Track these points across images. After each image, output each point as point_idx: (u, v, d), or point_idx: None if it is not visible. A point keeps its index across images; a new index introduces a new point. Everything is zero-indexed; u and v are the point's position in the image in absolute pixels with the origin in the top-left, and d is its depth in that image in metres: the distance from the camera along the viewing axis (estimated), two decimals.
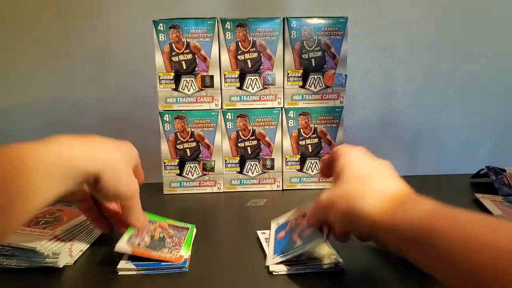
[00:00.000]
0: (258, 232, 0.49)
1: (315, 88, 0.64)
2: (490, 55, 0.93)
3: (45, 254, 0.40)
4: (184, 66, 0.62)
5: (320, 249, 0.42)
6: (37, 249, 0.39)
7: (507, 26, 0.92)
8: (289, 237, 0.43)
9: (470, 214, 0.29)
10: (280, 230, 0.47)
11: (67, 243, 0.43)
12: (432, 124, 0.97)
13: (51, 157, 0.33)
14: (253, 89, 0.64)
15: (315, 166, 0.67)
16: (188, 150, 0.65)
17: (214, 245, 0.47)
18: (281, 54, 0.63)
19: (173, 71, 0.62)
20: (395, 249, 0.34)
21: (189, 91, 0.63)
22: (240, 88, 0.64)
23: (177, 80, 0.63)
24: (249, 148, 0.65)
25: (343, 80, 0.64)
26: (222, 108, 0.64)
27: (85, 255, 0.44)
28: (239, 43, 0.62)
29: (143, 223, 0.44)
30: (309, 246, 0.39)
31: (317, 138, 0.66)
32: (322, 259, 0.40)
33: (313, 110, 0.65)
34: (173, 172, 0.65)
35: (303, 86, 0.64)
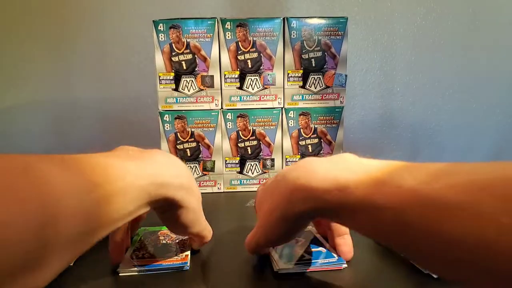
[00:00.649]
0: None
1: (315, 88, 0.64)
2: (490, 55, 0.93)
3: None
4: (184, 66, 0.62)
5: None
6: None
7: (507, 26, 0.92)
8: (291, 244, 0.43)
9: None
10: None
11: None
12: (432, 124, 0.97)
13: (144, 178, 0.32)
14: (253, 89, 0.64)
15: None
16: (188, 150, 0.65)
17: (214, 245, 0.47)
18: (281, 54, 0.63)
19: (173, 71, 0.62)
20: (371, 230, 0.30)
21: (189, 91, 0.63)
22: (240, 88, 0.64)
23: (177, 80, 0.63)
24: (249, 148, 0.65)
25: (343, 80, 0.64)
26: (222, 108, 0.64)
27: (86, 254, 0.44)
28: (239, 43, 0.62)
29: (211, 233, 0.43)
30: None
31: (317, 138, 0.66)
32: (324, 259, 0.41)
33: (313, 110, 0.65)
34: None
35: (303, 86, 0.64)
